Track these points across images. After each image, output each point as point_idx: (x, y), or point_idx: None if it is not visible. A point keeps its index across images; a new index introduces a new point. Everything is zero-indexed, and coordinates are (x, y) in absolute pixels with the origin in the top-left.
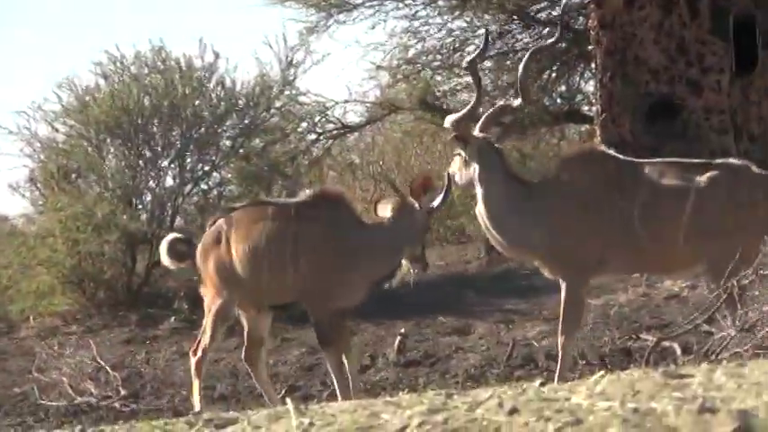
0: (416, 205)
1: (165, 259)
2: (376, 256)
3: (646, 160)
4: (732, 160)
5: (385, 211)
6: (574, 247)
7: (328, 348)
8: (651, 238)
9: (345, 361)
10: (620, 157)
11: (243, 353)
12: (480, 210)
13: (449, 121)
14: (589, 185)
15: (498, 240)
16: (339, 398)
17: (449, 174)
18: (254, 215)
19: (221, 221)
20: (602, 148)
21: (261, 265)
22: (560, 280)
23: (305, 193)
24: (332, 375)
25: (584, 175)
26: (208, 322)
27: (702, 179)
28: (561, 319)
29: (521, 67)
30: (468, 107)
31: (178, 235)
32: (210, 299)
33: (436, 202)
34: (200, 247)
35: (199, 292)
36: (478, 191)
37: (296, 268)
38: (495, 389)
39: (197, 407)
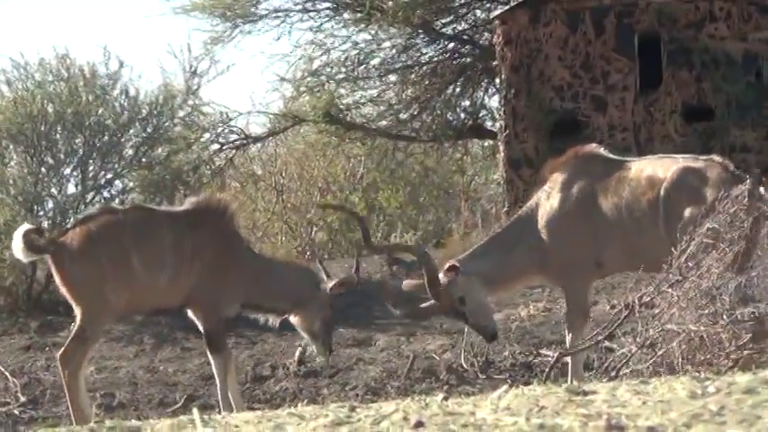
0: (326, 286)
1: (20, 252)
2: (245, 279)
3: (635, 158)
4: (714, 157)
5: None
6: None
7: (219, 355)
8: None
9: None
10: (612, 156)
11: (73, 354)
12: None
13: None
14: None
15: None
16: (220, 404)
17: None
18: (149, 218)
19: (110, 220)
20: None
21: (161, 268)
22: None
23: (189, 201)
24: (218, 381)
25: (580, 179)
26: (89, 323)
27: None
28: (567, 325)
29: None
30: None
31: (31, 226)
32: (92, 299)
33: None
34: (80, 243)
35: None
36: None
37: (189, 273)
38: (399, 402)
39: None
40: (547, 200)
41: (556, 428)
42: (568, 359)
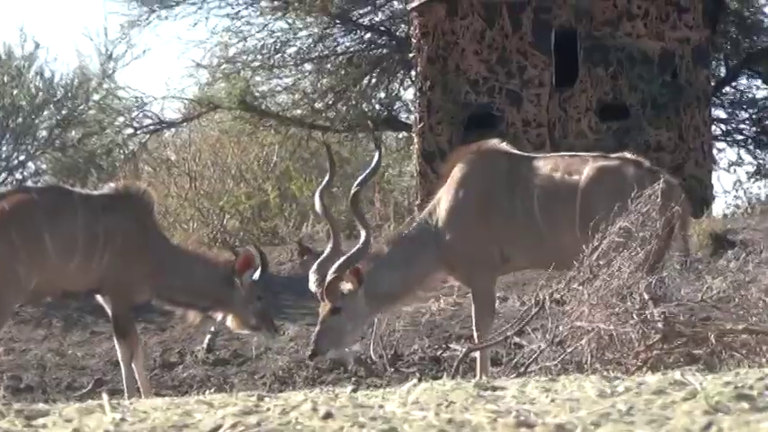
0: (237, 281)
1: None
2: (157, 269)
3: (540, 154)
4: (626, 154)
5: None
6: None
7: (126, 340)
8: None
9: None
10: (516, 152)
11: None
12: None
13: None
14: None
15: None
16: (125, 390)
17: (259, 249)
18: (63, 199)
19: (23, 199)
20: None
21: (73, 250)
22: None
23: (109, 186)
24: (123, 367)
25: (481, 174)
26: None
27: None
28: (474, 321)
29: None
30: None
31: None
32: (3, 277)
33: (255, 276)
34: None
35: None
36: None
37: (100, 257)
38: (308, 393)
39: None
40: (449, 197)
41: (465, 424)
42: (477, 354)
